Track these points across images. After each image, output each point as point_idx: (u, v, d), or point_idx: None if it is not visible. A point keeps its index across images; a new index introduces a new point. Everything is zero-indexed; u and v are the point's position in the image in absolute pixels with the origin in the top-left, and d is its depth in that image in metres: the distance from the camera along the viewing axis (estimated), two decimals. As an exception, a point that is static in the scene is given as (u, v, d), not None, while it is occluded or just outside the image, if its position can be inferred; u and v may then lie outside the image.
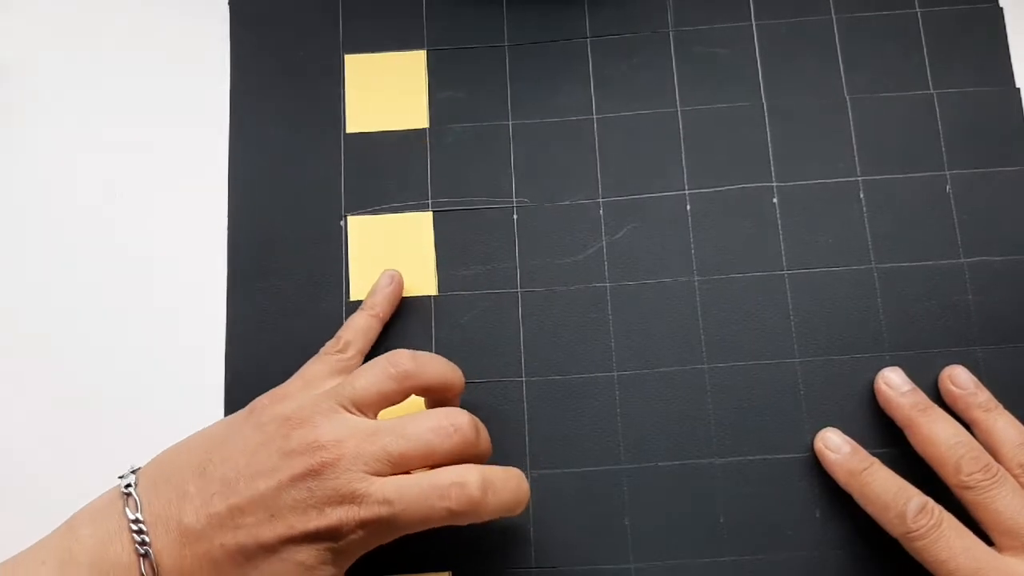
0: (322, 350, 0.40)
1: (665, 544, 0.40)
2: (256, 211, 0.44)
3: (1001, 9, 0.45)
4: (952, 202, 0.43)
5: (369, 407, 0.37)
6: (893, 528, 0.37)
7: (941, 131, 0.44)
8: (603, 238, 0.43)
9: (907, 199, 0.43)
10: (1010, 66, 0.44)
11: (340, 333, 0.41)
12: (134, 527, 0.34)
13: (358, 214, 0.44)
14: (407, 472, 0.35)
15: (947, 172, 0.43)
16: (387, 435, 0.35)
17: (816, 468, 0.40)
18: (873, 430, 0.41)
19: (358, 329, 0.41)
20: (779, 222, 0.43)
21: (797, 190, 0.43)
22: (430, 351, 0.42)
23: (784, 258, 0.43)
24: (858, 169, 0.43)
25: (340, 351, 0.40)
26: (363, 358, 0.41)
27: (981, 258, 0.42)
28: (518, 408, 0.42)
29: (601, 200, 0.44)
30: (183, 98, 0.46)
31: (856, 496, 0.38)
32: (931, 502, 0.36)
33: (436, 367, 0.38)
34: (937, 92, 0.44)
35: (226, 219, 0.44)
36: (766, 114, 0.44)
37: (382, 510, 0.34)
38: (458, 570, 0.40)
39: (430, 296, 0.43)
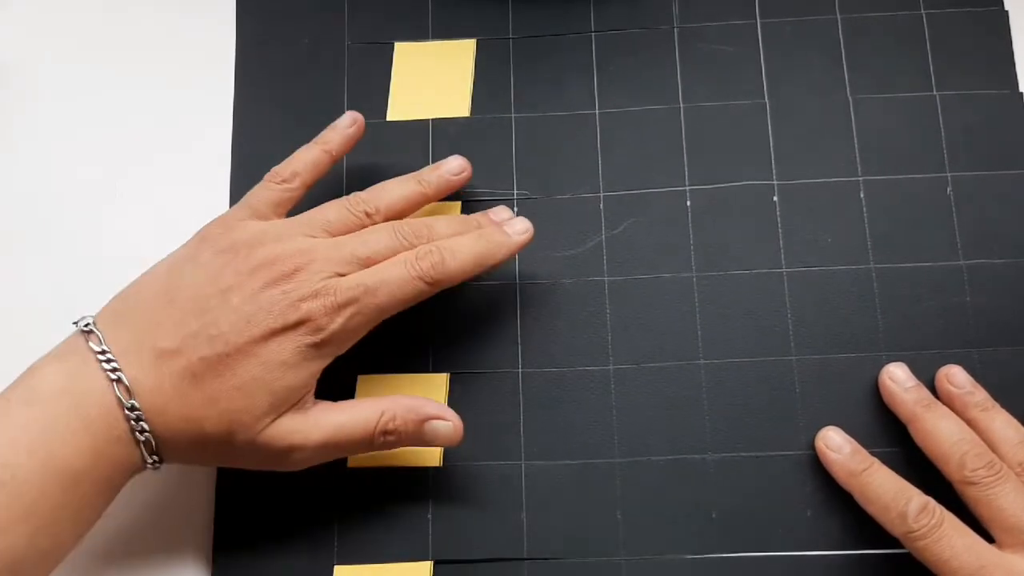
0: (267, 177, 0.40)
1: (656, 539, 0.40)
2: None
3: (1007, 12, 0.45)
4: (952, 204, 0.43)
5: (332, 235, 0.38)
6: (894, 528, 0.37)
7: (943, 133, 0.44)
8: (603, 232, 0.43)
9: (908, 200, 0.43)
10: (1014, 70, 0.44)
11: (288, 162, 0.41)
12: (101, 357, 0.35)
13: (360, 203, 0.44)
14: None
15: (948, 174, 0.43)
16: (351, 242, 0.38)
17: (809, 467, 0.40)
18: (869, 429, 0.41)
19: (307, 162, 0.41)
20: (779, 220, 0.43)
21: (798, 189, 0.43)
22: (430, 341, 0.42)
23: (783, 256, 0.43)
24: (859, 169, 0.43)
25: (286, 181, 0.40)
26: (306, 191, 0.41)
27: (980, 260, 0.42)
28: (513, 399, 0.42)
29: (602, 194, 0.44)
30: (187, 87, 0.47)
31: (856, 496, 0.38)
32: (932, 501, 0.36)
33: (392, 189, 0.40)
34: (940, 94, 0.44)
35: (228, 206, 0.45)
36: (768, 112, 0.44)
37: (357, 291, 0.36)
38: (450, 560, 0.40)
39: (429, 286, 0.43)
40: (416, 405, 0.38)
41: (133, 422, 0.35)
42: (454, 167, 0.42)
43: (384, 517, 0.41)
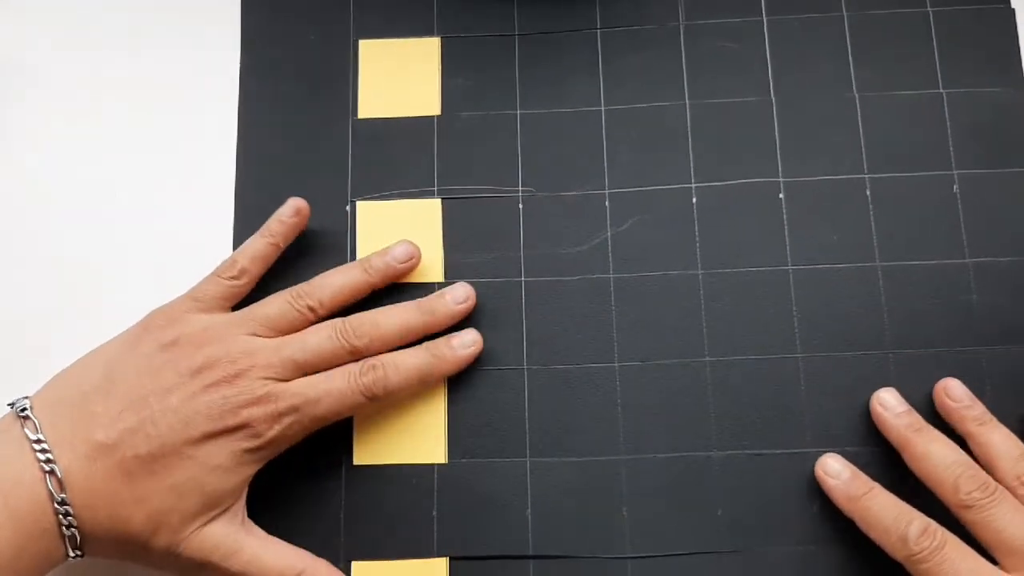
0: (215, 271, 0.41)
1: (662, 535, 0.40)
2: (264, 196, 0.44)
3: (1013, 10, 0.45)
4: (959, 202, 0.43)
5: (275, 331, 0.39)
6: (896, 552, 0.36)
7: (949, 130, 0.44)
8: (608, 229, 0.43)
9: (913, 197, 0.43)
10: (1020, 67, 0.44)
11: (236, 257, 0.41)
12: (36, 447, 0.34)
13: (366, 199, 0.44)
14: None
15: (954, 171, 0.43)
16: (291, 346, 0.38)
17: (814, 463, 0.40)
18: (874, 428, 0.41)
19: (255, 255, 0.41)
20: (785, 217, 0.43)
21: (803, 186, 0.43)
22: (435, 337, 0.43)
23: (789, 253, 0.43)
24: (865, 166, 0.43)
25: (235, 277, 0.40)
26: (254, 284, 0.41)
27: (986, 258, 0.42)
28: (519, 396, 0.42)
29: (607, 191, 0.44)
30: (192, 82, 0.47)
31: (857, 521, 0.38)
32: (933, 524, 0.36)
33: (335, 280, 0.40)
34: (946, 91, 0.44)
35: (233, 203, 0.45)
36: (774, 109, 0.44)
37: (296, 400, 0.37)
38: (456, 557, 0.40)
39: (437, 283, 0.43)
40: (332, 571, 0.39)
41: (61, 516, 0.34)
42: (399, 254, 0.42)
43: (390, 514, 0.41)
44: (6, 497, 0.34)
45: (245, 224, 0.44)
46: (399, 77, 0.46)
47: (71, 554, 0.35)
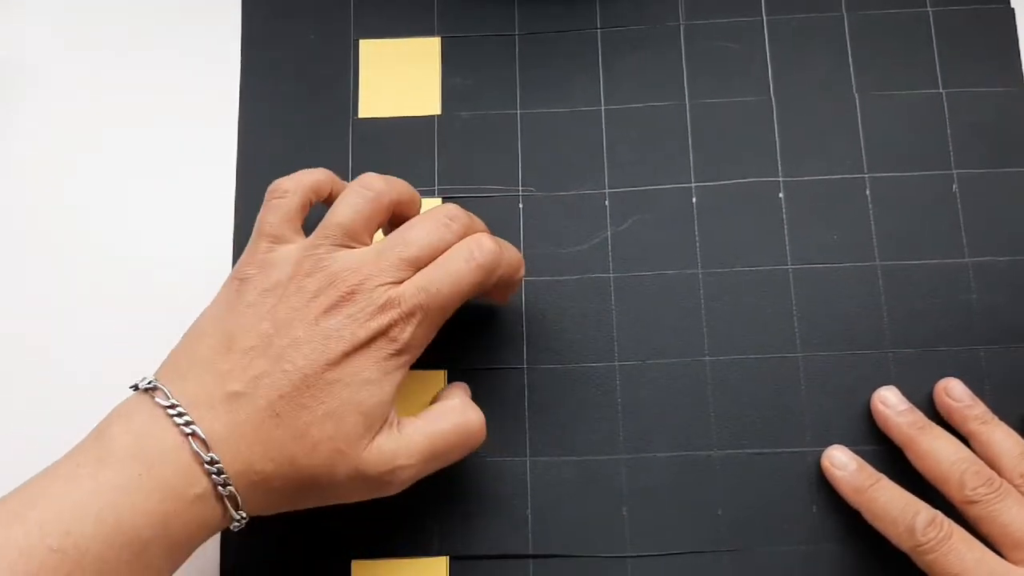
0: (267, 195, 0.39)
1: (662, 534, 0.40)
2: (264, 194, 0.44)
3: (1012, 10, 0.45)
4: (958, 201, 0.43)
5: (360, 235, 0.37)
6: (902, 542, 0.36)
7: (949, 130, 0.44)
8: (608, 229, 0.43)
9: (913, 197, 0.43)
10: (1020, 67, 0.44)
11: (277, 182, 0.39)
12: (172, 412, 0.33)
13: (365, 199, 0.44)
14: None
15: (954, 171, 0.43)
16: (395, 247, 0.36)
17: (814, 463, 0.40)
18: (874, 427, 0.41)
19: (299, 179, 0.39)
20: (784, 217, 0.43)
21: (803, 185, 0.43)
22: (436, 337, 0.42)
23: (788, 253, 0.43)
24: (865, 166, 0.43)
25: (280, 196, 0.38)
26: (309, 199, 0.39)
27: (986, 258, 0.42)
28: (519, 395, 0.42)
29: (607, 191, 0.44)
30: (192, 82, 0.47)
31: (864, 512, 0.38)
32: (940, 515, 0.36)
33: (402, 184, 0.39)
34: (946, 91, 0.44)
35: (234, 203, 0.45)
36: (774, 109, 0.44)
37: (421, 296, 0.35)
38: (456, 556, 0.40)
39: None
40: (470, 404, 0.38)
41: (214, 476, 0.33)
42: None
43: (390, 512, 0.41)
44: (151, 468, 0.32)
45: (246, 223, 0.44)
46: (399, 77, 0.46)
47: (236, 517, 0.34)
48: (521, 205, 0.44)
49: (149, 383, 0.34)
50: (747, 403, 0.41)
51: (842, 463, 0.39)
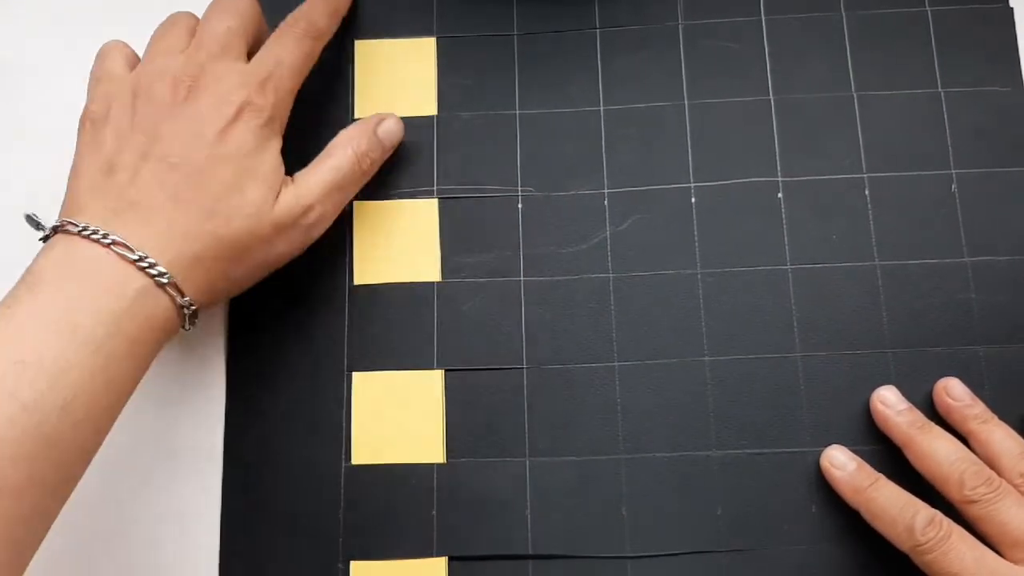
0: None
1: (662, 535, 0.40)
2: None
3: (1011, 9, 0.45)
4: (957, 201, 0.43)
5: (182, 42, 0.41)
6: (901, 542, 0.36)
7: (948, 130, 0.44)
8: (607, 229, 0.43)
9: (912, 197, 0.43)
10: (1019, 67, 0.44)
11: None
12: (85, 232, 0.35)
13: (364, 199, 0.44)
14: None
15: (953, 171, 0.43)
16: (208, 34, 0.40)
17: (813, 463, 0.40)
18: (873, 427, 0.41)
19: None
20: (783, 217, 0.43)
21: (802, 185, 0.43)
22: (433, 338, 0.42)
23: (788, 253, 0.43)
24: (864, 166, 0.43)
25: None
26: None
27: (985, 258, 0.42)
28: (518, 396, 0.42)
29: (606, 191, 0.44)
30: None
31: (863, 512, 0.38)
32: (939, 514, 0.36)
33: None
34: (945, 91, 0.44)
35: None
36: (773, 109, 0.44)
37: (265, 65, 0.40)
38: (455, 557, 0.40)
39: (433, 282, 0.43)
40: (362, 126, 0.42)
41: (147, 269, 0.35)
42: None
43: (389, 514, 0.41)
44: (84, 279, 0.35)
45: (244, 224, 0.44)
46: (395, 77, 0.46)
47: (181, 302, 0.36)
48: (520, 205, 0.44)
49: (55, 224, 0.36)
50: (746, 403, 0.41)
51: (841, 463, 0.39)
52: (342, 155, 0.41)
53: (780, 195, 0.43)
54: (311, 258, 0.43)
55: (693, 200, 0.43)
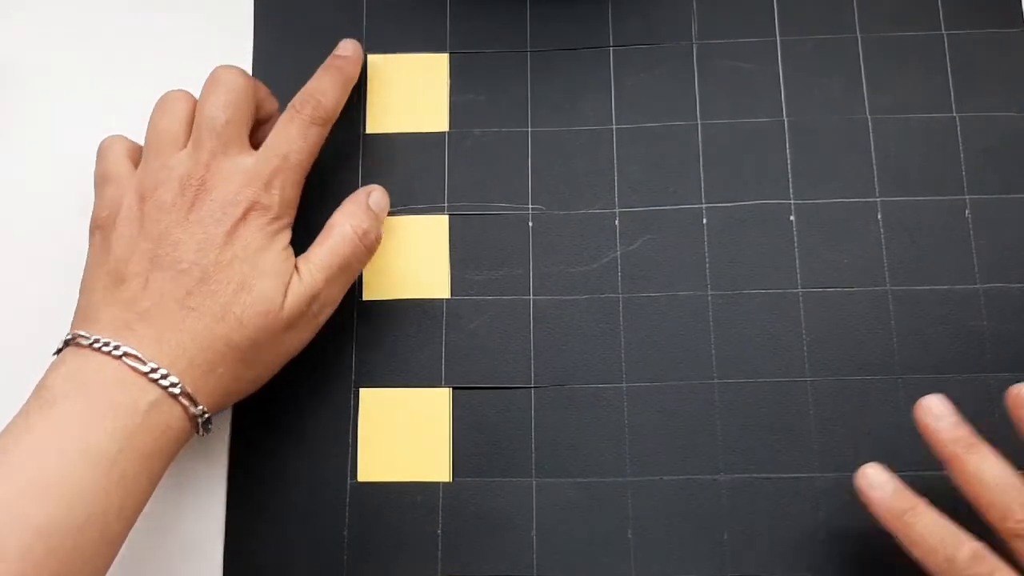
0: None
1: (668, 559, 0.40)
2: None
3: (1028, 34, 0.45)
4: (970, 227, 0.43)
5: (180, 138, 0.40)
6: (940, 573, 0.34)
7: (962, 154, 0.43)
8: (618, 248, 0.43)
9: (925, 222, 0.43)
10: (1035, 92, 0.44)
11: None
12: (97, 344, 0.35)
13: (374, 215, 0.44)
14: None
15: (967, 196, 0.43)
16: (207, 131, 0.39)
17: (822, 489, 0.40)
18: (883, 453, 0.40)
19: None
20: (795, 240, 0.43)
21: (815, 208, 0.43)
22: (441, 355, 0.42)
23: (799, 276, 0.42)
24: (877, 190, 0.43)
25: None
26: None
27: (997, 284, 0.42)
28: (525, 416, 0.42)
29: (617, 210, 0.44)
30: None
31: (900, 537, 0.36)
32: (984, 548, 0.34)
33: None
34: (960, 115, 0.44)
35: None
36: (787, 131, 0.44)
37: (272, 161, 0.39)
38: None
39: (443, 299, 0.43)
40: (356, 201, 0.41)
41: (160, 381, 0.35)
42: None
43: (394, 532, 0.41)
44: (96, 396, 0.34)
45: (253, 237, 0.44)
46: (407, 93, 0.46)
47: (195, 412, 0.36)
48: (531, 223, 0.44)
49: (67, 337, 0.36)
50: (755, 427, 0.41)
51: (879, 483, 0.36)
52: (342, 235, 0.40)
53: (792, 217, 0.43)
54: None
55: (704, 221, 0.43)
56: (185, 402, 0.36)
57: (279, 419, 0.42)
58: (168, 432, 0.35)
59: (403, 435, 0.42)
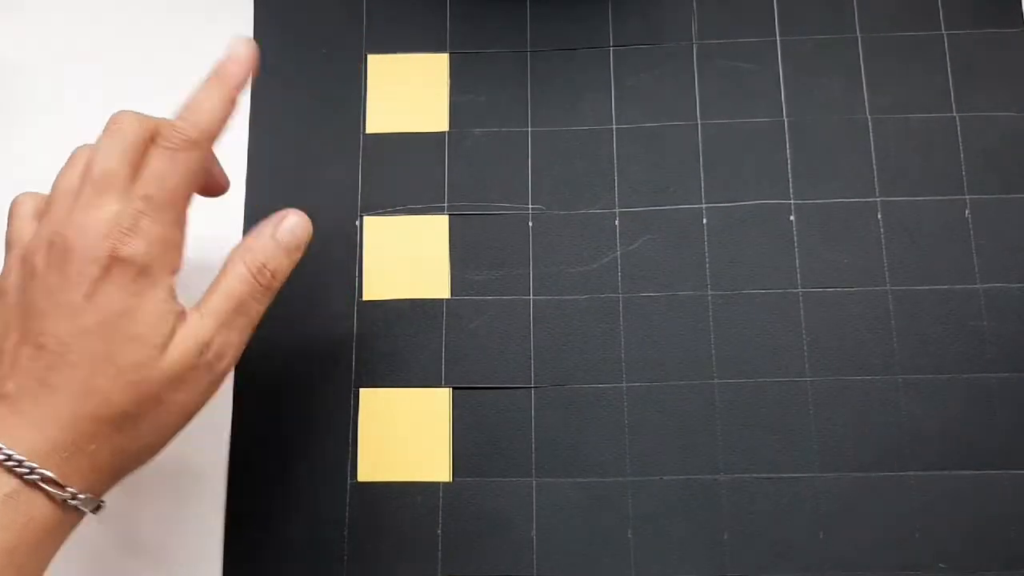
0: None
1: (668, 559, 0.40)
2: (273, 209, 0.44)
3: (1028, 34, 0.45)
4: (970, 227, 0.43)
5: (38, 208, 0.36)
6: None
7: (962, 154, 0.43)
8: (618, 248, 0.43)
9: (925, 222, 0.43)
10: (1035, 92, 0.44)
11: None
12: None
13: (374, 214, 0.44)
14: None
15: (966, 196, 0.43)
16: (70, 179, 0.35)
17: (821, 489, 0.40)
18: (882, 453, 0.40)
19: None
20: (795, 240, 0.43)
21: (815, 208, 0.43)
22: (441, 355, 0.42)
23: (799, 276, 0.42)
24: (877, 190, 0.43)
25: None
26: None
27: (997, 284, 0.42)
28: (525, 416, 0.42)
29: (617, 210, 0.44)
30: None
31: None
32: None
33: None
34: (960, 115, 0.44)
35: (243, 216, 0.45)
36: (787, 131, 0.44)
37: (138, 203, 0.34)
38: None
39: (442, 299, 0.43)
40: (258, 232, 0.37)
41: (16, 468, 0.31)
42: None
43: (394, 532, 0.41)
44: None
45: (253, 237, 0.44)
46: (407, 93, 0.46)
47: (64, 496, 0.32)
48: (531, 223, 0.44)
49: None
50: (755, 427, 0.41)
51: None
52: (235, 275, 0.36)
53: (792, 217, 0.43)
54: (320, 273, 0.43)
55: (705, 221, 0.43)
56: (50, 488, 0.32)
57: (279, 419, 0.42)
58: (32, 523, 0.32)
59: (403, 435, 0.42)
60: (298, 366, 0.42)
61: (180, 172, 0.35)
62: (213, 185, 0.40)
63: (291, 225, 0.37)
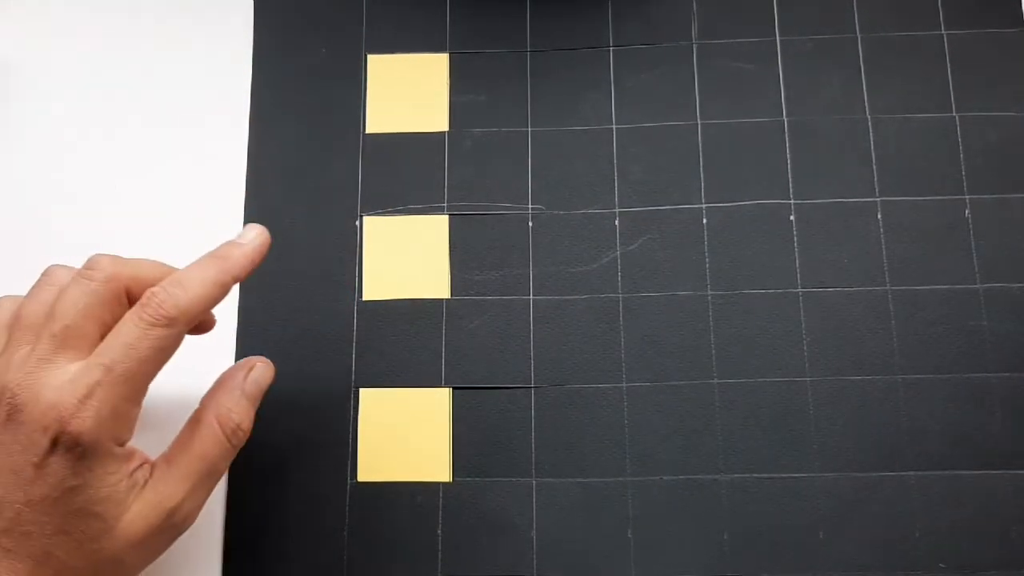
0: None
1: (668, 559, 0.40)
2: (273, 209, 0.44)
3: (1028, 34, 0.45)
4: (970, 227, 0.43)
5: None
6: None
7: (962, 155, 0.43)
8: (618, 248, 0.43)
9: (925, 222, 0.43)
10: (1035, 92, 0.44)
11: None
12: None
13: (374, 214, 0.44)
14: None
15: (967, 196, 0.43)
16: (20, 348, 0.33)
17: (822, 489, 0.40)
18: (882, 453, 0.40)
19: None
20: (795, 240, 0.43)
21: (815, 208, 0.43)
22: (441, 355, 0.42)
23: (799, 276, 0.42)
24: (877, 190, 0.43)
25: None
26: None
27: (998, 284, 0.42)
28: (525, 415, 0.42)
29: (617, 210, 0.44)
30: (203, 94, 0.46)
31: None
32: None
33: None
34: (960, 115, 0.44)
35: (242, 216, 0.45)
36: (786, 130, 0.44)
37: (95, 374, 0.32)
38: None
39: (442, 299, 0.43)
40: (229, 386, 0.36)
41: None
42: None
43: (394, 532, 0.40)
44: None
45: (253, 237, 0.44)
46: (407, 93, 0.46)
47: None
48: (530, 223, 0.44)
49: None
50: (755, 427, 0.41)
51: None
52: (210, 434, 0.35)
53: (792, 217, 0.43)
54: (320, 273, 0.43)
55: (704, 221, 0.43)
56: None
57: (279, 419, 0.42)
58: None
59: (403, 435, 0.42)
60: (298, 366, 0.42)
61: (149, 348, 0.33)
62: (202, 323, 0.39)
63: (257, 376, 0.37)
